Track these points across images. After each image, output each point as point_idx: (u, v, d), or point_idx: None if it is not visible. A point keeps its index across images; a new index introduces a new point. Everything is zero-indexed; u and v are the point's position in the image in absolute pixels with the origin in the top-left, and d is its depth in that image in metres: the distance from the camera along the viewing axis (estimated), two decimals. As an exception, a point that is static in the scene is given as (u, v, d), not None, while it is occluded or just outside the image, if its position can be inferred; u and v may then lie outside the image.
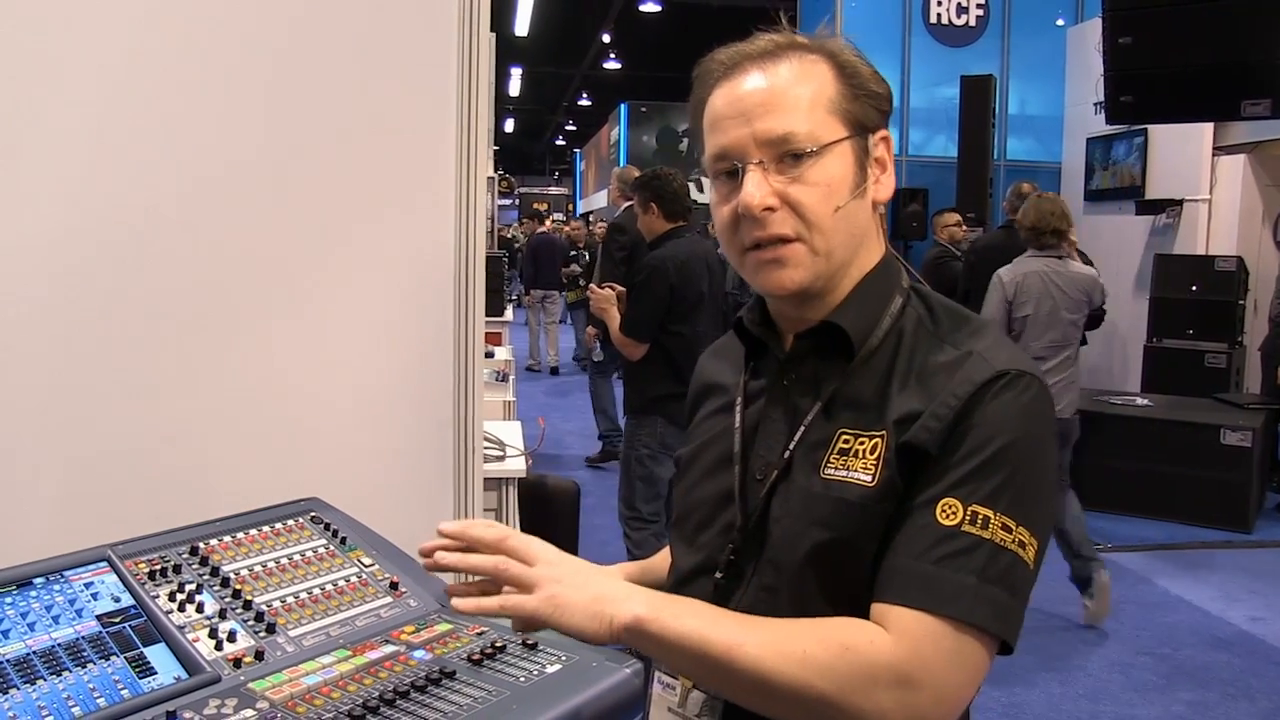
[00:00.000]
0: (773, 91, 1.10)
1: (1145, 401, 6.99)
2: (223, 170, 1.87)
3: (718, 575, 1.16)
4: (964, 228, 7.53)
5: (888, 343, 1.14)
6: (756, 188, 1.09)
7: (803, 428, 1.13)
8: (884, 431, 1.07)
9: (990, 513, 1.01)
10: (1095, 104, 7.92)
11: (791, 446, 1.13)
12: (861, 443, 1.08)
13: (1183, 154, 8.30)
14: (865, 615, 1.04)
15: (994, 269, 5.96)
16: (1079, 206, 9.53)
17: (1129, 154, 8.87)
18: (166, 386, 1.87)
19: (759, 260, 1.12)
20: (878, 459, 1.07)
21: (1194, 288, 7.78)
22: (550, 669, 1.33)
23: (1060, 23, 10.22)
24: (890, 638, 0.99)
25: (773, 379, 1.20)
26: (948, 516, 1.01)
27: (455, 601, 1.13)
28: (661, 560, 1.40)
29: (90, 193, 1.80)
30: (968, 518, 1.01)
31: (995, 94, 8.57)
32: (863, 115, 1.13)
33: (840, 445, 1.10)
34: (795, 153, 1.09)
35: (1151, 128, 8.35)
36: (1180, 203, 8.36)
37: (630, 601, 1.03)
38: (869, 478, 1.07)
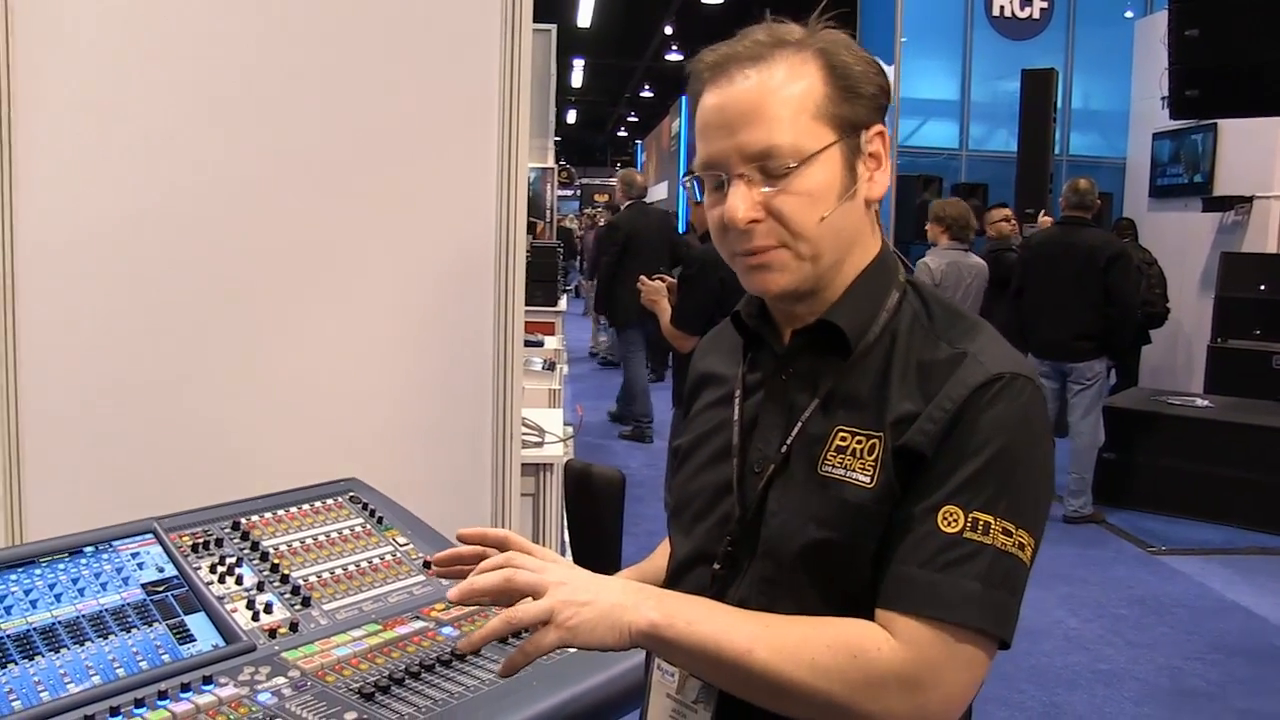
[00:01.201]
0: (756, 100, 1.09)
1: (1205, 403, 6.86)
2: (267, 163, 1.93)
3: (715, 566, 1.18)
4: (1012, 224, 7.43)
5: (884, 339, 1.14)
6: (741, 200, 1.09)
7: (800, 423, 1.14)
8: (882, 433, 1.08)
9: (990, 518, 1.03)
10: (1162, 98, 7.77)
11: (789, 441, 1.14)
12: (859, 441, 1.09)
13: (1254, 149, 8.11)
14: (862, 610, 1.07)
15: (1050, 265, 5.90)
16: (1143, 203, 9.37)
17: (1197, 149, 8.69)
18: (213, 370, 1.94)
19: (747, 265, 1.13)
20: (876, 460, 1.08)
21: (1262, 287, 7.60)
22: (571, 650, 1.37)
23: (1129, 15, 10.04)
24: (898, 644, 1.01)
25: (770, 373, 1.21)
26: (949, 524, 1.03)
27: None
28: (660, 559, 1.42)
29: (148, 191, 1.90)
30: (969, 524, 1.02)
31: (1057, 88, 8.43)
32: (853, 115, 1.12)
33: (837, 442, 1.11)
34: (777, 165, 1.09)
35: (1222, 122, 8.18)
36: (1250, 199, 8.18)
37: (644, 607, 1.04)
38: (868, 479, 1.08)
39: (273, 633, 1.35)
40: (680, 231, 8.86)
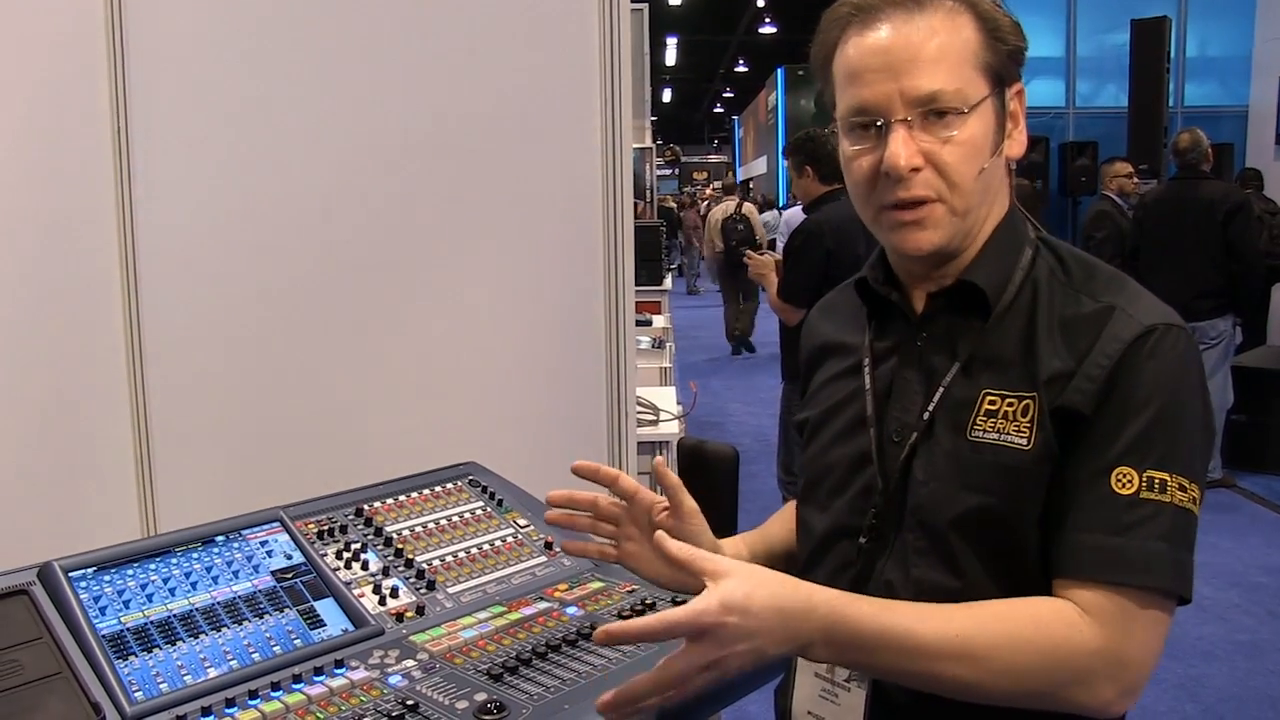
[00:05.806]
0: (918, 44, 1.05)
1: (1342, 359, 6.53)
2: (376, 155, 1.96)
3: (861, 540, 1.14)
4: (1135, 180, 7.12)
5: (1022, 297, 1.11)
6: (903, 147, 1.05)
7: (942, 388, 1.11)
8: (1035, 394, 1.05)
9: (1166, 476, 1.00)
10: (1288, 38, 7.37)
11: (931, 408, 1.11)
12: (1010, 404, 1.06)
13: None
14: (1026, 573, 1.04)
15: (1167, 225, 5.65)
16: (1269, 151, 8.92)
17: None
18: (331, 360, 1.98)
19: (897, 220, 1.09)
20: (1031, 421, 1.05)
21: (1401, 237, 7.18)
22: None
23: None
24: (1093, 622, 0.99)
25: (903, 339, 1.17)
26: (1123, 485, 1.00)
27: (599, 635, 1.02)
28: (779, 528, 1.39)
29: (266, 185, 1.95)
30: (1144, 484, 1.00)
31: (1170, 36, 8.07)
32: (1002, 69, 1.09)
33: (986, 406, 1.07)
34: (942, 111, 1.05)
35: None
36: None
37: (815, 649, 0.99)
38: (1024, 441, 1.04)
39: (400, 616, 1.37)
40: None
